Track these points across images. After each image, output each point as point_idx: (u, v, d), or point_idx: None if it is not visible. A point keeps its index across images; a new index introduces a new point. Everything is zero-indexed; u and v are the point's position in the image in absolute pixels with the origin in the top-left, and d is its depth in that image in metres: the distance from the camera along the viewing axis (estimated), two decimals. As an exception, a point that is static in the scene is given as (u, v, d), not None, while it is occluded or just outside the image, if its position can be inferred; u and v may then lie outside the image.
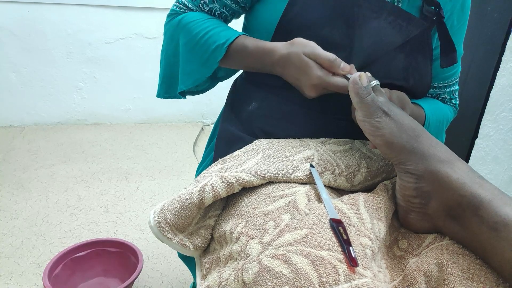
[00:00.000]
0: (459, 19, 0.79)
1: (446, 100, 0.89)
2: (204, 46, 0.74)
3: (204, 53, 0.75)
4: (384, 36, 0.72)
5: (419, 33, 0.73)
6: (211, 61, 0.74)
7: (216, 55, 0.73)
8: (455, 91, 0.89)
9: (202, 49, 0.75)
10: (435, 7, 0.74)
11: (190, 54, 0.77)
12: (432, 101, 0.86)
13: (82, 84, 2.52)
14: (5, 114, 2.46)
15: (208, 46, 0.74)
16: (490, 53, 1.51)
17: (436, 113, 0.82)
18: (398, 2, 0.73)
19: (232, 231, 0.57)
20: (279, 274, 0.47)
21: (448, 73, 0.84)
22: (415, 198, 0.58)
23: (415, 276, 0.52)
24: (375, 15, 0.71)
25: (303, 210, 0.57)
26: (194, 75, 0.78)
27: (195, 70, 0.77)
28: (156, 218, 0.61)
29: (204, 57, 0.75)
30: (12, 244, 1.42)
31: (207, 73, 0.76)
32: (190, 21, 0.77)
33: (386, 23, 0.71)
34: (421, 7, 0.75)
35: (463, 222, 0.53)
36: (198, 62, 0.76)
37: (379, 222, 0.58)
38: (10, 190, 1.77)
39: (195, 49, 0.76)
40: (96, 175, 1.95)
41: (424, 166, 0.56)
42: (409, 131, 0.58)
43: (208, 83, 0.88)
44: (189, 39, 0.76)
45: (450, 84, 0.87)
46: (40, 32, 2.35)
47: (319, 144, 0.71)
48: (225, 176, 0.61)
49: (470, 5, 0.79)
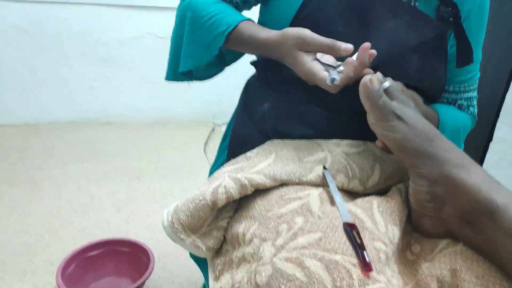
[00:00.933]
0: (476, 22, 0.77)
1: (463, 107, 0.85)
2: (207, 31, 0.74)
3: (206, 38, 0.74)
4: (399, 36, 0.70)
5: (435, 35, 0.72)
6: (212, 47, 0.74)
7: (217, 42, 0.73)
8: (473, 98, 0.85)
9: (205, 33, 0.74)
10: (452, 7, 0.73)
11: (193, 36, 0.77)
12: (447, 107, 0.83)
13: (95, 83, 2.55)
14: (20, 113, 2.49)
15: (210, 32, 0.74)
16: (506, 55, 1.49)
17: (452, 118, 0.79)
18: (415, 2, 0.72)
19: (245, 233, 0.57)
20: (292, 277, 0.47)
21: (465, 77, 0.82)
22: (429, 203, 0.57)
23: (427, 281, 0.51)
24: (391, 15, 0.70)
25: (316, 213, 0.56)
26: (194, 58, 0.78)
27: (196, 53, 0.77)
28: (169, 218, 0.62)
29: (205, 42, 0.75)
30: (26, 242, 1.44)
31: (208, 58, 0.76)
32: (199, 2, 0.77)
33: (402, 23, 0.70)
34: (437, 7, 0.73)
35: (478, 228, 0.52)
36: (199, 45, 0.76)
37: (393, 226, 0.57)
38: (24, 188, 1.79)
39: (198, 32, 0.76)
40: (108, 174, 1.96)
41: (439, 170, 0.55)
42: (423, 135, 0.57)
43: (216, 68, 0.87)
44: (194, 21, 0.76)
45: (467, 90, 0.84)
46: (54, 32, 2.37)
47: (332, 145, 0.71)
48: (238, 177, 0.61)
49: None
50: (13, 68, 2.39)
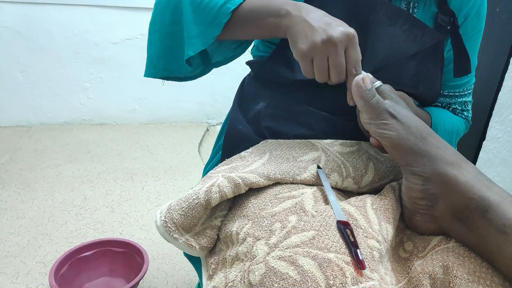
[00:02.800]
0: (473, 27, 0.77)
1: (458, 111, 0.86)
2: (213, 2, 0.68)
3: (212, 8, 0.68)
4: (397, 44, 0.71)
5: (433, 44, 0.72)
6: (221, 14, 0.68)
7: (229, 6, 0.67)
8: (467, 102, 0.85)
9: (210, 5, 0.68)
10: (449, 16, 0.73)
11: (196, 14, 0.70)
12: (441, 110, 0.83)
13: (88, 84, 2.53)
14: (12, 114, 2.48)
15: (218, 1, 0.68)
16: (498, 55, 1.50)
17: (444, 121, 0.79)
18: (414, 9, 0.72)
19: (239, 232, 0.57)
20: (285, 276, 0.47)
21: (460, 81, 0.82)
22: (422, 200, 0.58)
23: (420, 278, 0.52)
24: (390, 22, 0.70)
25: (310, 211, 0.56)
26: (203, 36, 0.70)
27: (203, 31, 0.70)
28: (162, 218, 0.61)
29: (212, 13, 0.68)
30: (18, 243, 1.43)
31: (216, 32, 0.69)
32: None
33: (401, 31, 0.70)
34: (435, 15, 0.74)
35: (471, 225, 0.53)
36: (205, 21, 0.70)
37: (387, 224, 0.58)
38: (17, 189, 1.78)
39: (201, 7, 0.69)
40: (101, 175, 1.96)
41: (432, 168, 0.56)
42: (416, 133, 0.57)
43: (201, 68, 0.82)
44: (193, 0, 0.70)
45: (462, 94, 0.84)
46: (47, 33, 2.36)
47: (326, 145, 0.71)
48: (231, 176, 0.61)
49: None
50: (5, 69, 2.37)
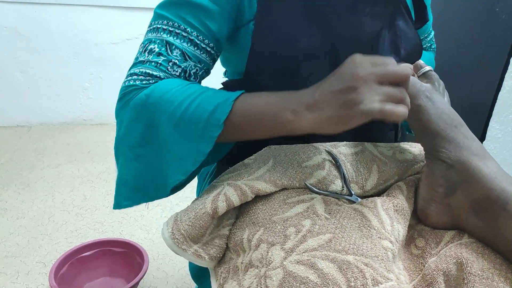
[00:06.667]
0: None
1: (428, 48, 0.96)
2: (197, 113, 0.56)
3: (198, 121, 0.56)
4: (364, 27, 0.68)
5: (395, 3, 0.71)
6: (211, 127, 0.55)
7: (218, 117, 0.55)
8: (432, 37, 0.95)
9: (195, 117, 0.56)
10: None
11: (179, 130, 0.57)
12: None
13: (88, 84, 2.53)
14: (12, 114, 2.48)
15: (203, 111, 0.56)
16: (498, 54, 1.50)
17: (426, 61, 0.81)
18: None
19: (250, 239, 0.56)
20: (306, 280, 0.47)
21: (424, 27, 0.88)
22: (440, 187, 0.58)
23: (434, 276, 0.52)
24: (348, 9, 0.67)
25: (323, 215, 0.56)
26: (191, 156, 0.57)
27: (192, 149, 0.57)
28: (170, 229, 0.60)
29: (199, 126, 0.56)
30: (18, 244, 1.43)
31: (207, 147, 0.56)
32: (165, 91, 0.58)
33: (363, 14, 0.68)
34: None
35: (489, 217, 0.53)
36: (192, 137, 0.57)
37: (398, 225, 0.58)
38: (17, 189, 1.78)
39: (183, 121, 0.57)
40: (101, 175, 1.95)
41: (457, 155, 0.57)
42: (448, 120, 0.58)
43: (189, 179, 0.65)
44: (171, 113, 0.57)
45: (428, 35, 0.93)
46: (46, 33, 2.36)
47: (329, 148, 0.70)
48: (237, 184, 0.60)
49: (477, 6, 0.79)
50: (5, 69, 2.37)
